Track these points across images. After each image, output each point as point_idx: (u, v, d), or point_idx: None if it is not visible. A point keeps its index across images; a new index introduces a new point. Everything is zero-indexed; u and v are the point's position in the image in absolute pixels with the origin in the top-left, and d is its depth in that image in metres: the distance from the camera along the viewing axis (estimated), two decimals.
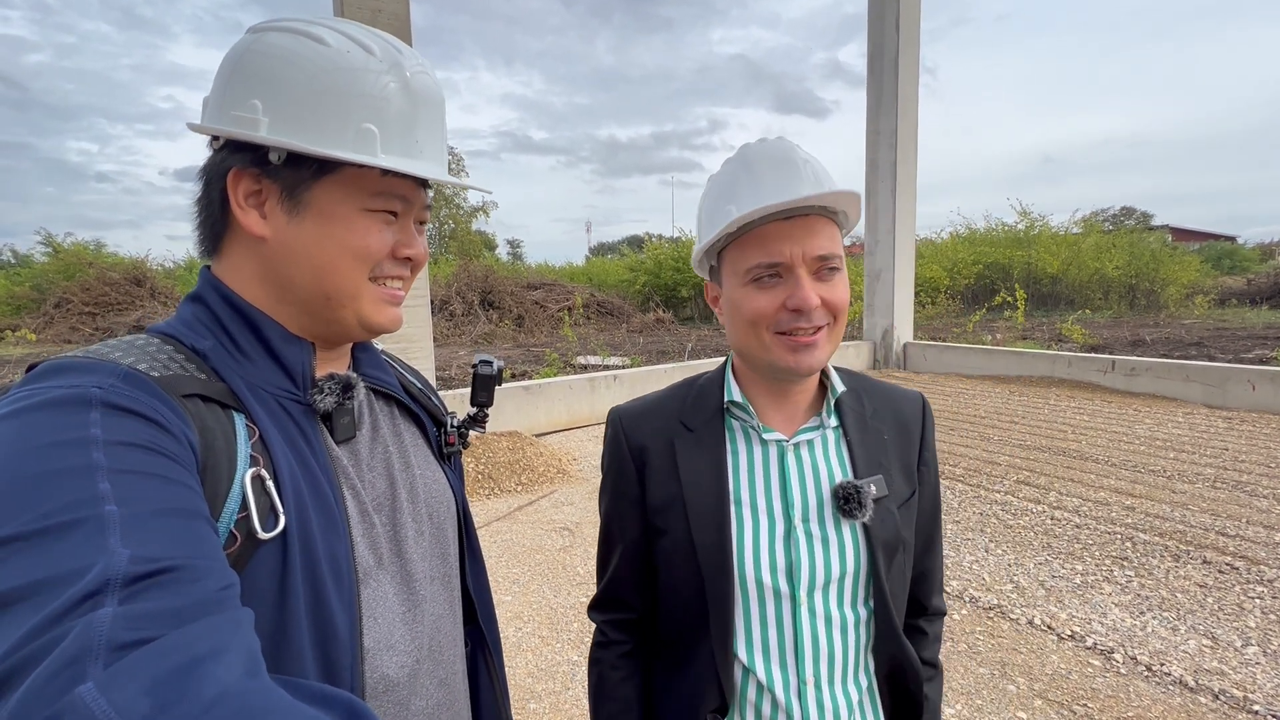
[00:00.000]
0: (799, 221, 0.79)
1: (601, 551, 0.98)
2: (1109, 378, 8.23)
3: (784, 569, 0.83)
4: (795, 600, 0.83)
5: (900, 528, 0.87)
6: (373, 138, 0.61)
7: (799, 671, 0.83)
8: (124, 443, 0.46)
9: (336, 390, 0.66)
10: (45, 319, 15.06)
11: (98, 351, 0.55)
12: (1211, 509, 4.25)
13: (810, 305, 0.78)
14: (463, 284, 16.85)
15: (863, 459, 0.87)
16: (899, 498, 0.88)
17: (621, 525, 0.93)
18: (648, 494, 0.90)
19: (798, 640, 0.83)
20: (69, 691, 0.32)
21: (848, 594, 0.85)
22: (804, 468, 0.86)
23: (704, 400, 0.92)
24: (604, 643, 0.96)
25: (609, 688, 0.94)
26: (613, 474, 0.94)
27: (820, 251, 0.79)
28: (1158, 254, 18.65)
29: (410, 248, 0.68)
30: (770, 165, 0.80)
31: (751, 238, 0.80)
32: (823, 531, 0.84)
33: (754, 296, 0.81)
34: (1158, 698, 2.51)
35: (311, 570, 0.57)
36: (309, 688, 0.40)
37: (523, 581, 3.67)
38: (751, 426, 0.88)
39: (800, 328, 0.79)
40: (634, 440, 0.92)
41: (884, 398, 0.95)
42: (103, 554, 0.39)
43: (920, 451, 0.93)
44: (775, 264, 0.79)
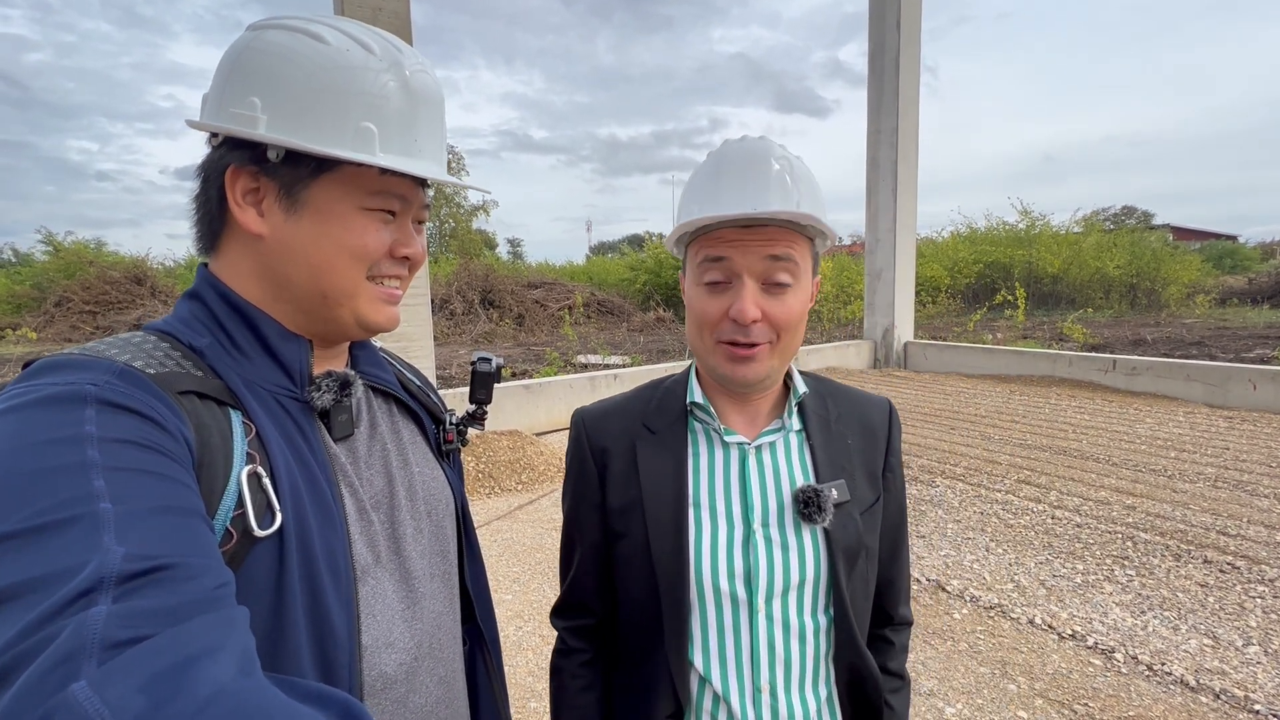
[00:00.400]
0: (757, 230, 0.77)
1: (563, 555, 0.97)
2: (1110, 377, 8.22)
3: (742, 574, 0.81)
4: (753, 607, 0.81)
5: (862, 534, 0.85)
6: (371, 136, 0.60)
7: (754, 679, 0.81)
8: (119, 440, 0.46)
9: (334, 388, 0.65)
10: (46, 318, 15.07)
11: (94, 348, 0.55)
12: (1213, 508, 4.25)
13: (746, 318, 0.76)
14: (463, 283, 16.85)
15: (825, 463, 0.85)
16: (862, 503, 0.86)
17: (582, 528, 0.92)
18: (608, 496, 0.88)
19: (754, 648, 0.81)
20: (62, 689, 0.32)
21: (807, 601, 0.83)
22: (765, 471, 0.85)
23: (668, 402, 0.91)
24: (564, 650, 0.95)
25: (569, 697, 0.93)
26: (574, 475, 0.93)
27: (770, 263, 0.77)
28: (1159, 253, 18.63)
29: (408, 247, 0.67)
30: (739, 170, 0.78)
31: (709, 239, 0.79)
32: (782, 537, 0.82)
33: (703, 299, 0.80)
34: (1159, 697, 2.50)
35: (309, 568, 0.57)
36: (304, 686, 0.40)
37: (523, 580, 3.67)
38: (713, 429, 0.87)
39: (737, 340, 0.78)
40: (596, 441, 0.91)
41: (849, 402, 0.93)
42: (97, 551, 0.39)
43: (886, 457, 0.92)
44: (724, 269, 0.78)
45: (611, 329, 16.57)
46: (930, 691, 2.57)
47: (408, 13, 5.33)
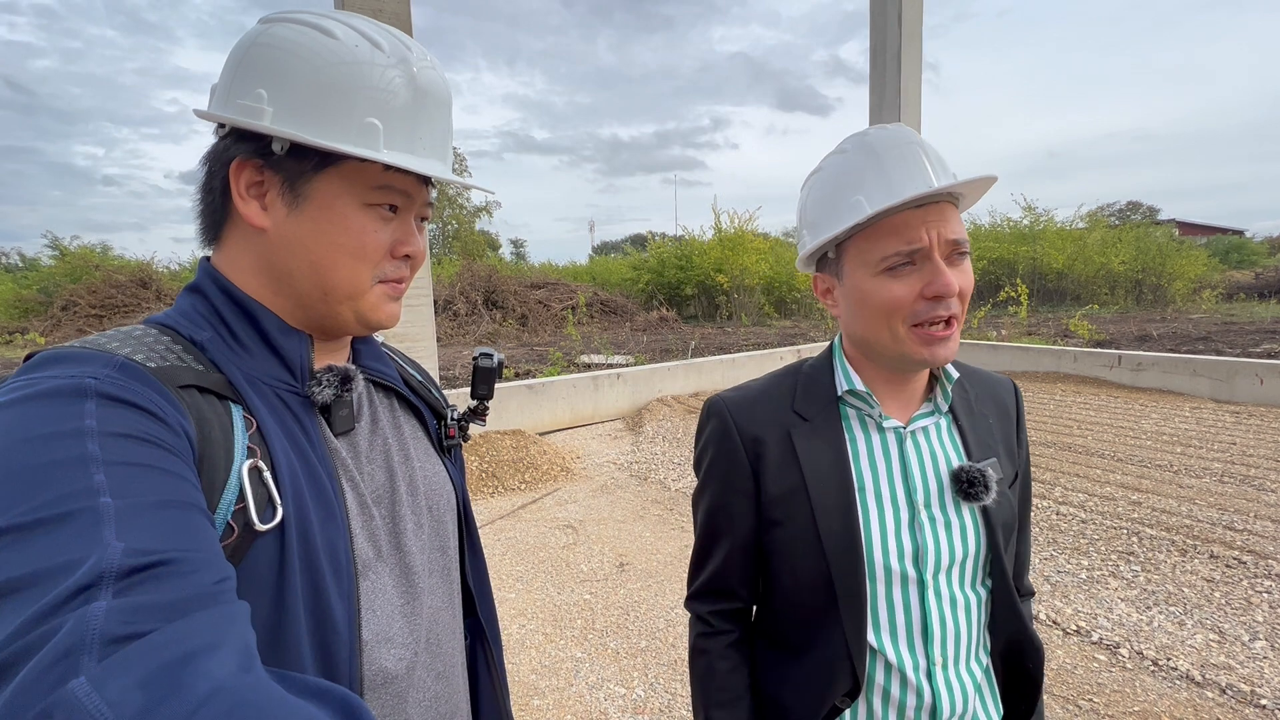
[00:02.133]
0: (931, 208, 0.78)
1: (705, 544, 0.97)
2: (1115, 373, 8.18)
3: (911, 554, 0.84)
4: (923, 583, 0.84)
5: (1014, 508, 0.90)
6: (376, 132, 0.60)
7: (928, 653, 0.84)
8: (119, 434, 0.46)
9: (335, 382, 0.65)
10: (52, 321, 15.14)
11: (94, 342, 0.55)
12: (1219, 503, 4.22)
13: (951, 290, 0.78)
14: (466, 284, 16.86)
15: (975, 444, 0.89)
16: (1007, 480, 0.90)
17: (730, 517, 0.92)
18: (763, 485, 0.89)
19: (925, 622, 0.84)
20: (62, 685, 0.32)
21: (969, 575, 0.87)
22: (922, 453, 0.88)
23: (815, 389, 0.91)
24: (710, 633, 0.96)
25: (719, 678, 0.94)
26: (721, 466, 0.92)
27: (953, 236, 0.79)
28: (1164, 248, 18.51)
29: (409, 245, 0.67)
30: (897, 153, 0.80)
31: (883, 226, 0.79)
32: (945, 515, 0.85)
33: (888, 286, 0.80)
34: (1164, 692, 2.49)
35: (309, 562, 0.57)
36: (304, 682, 0.40)
37: (526, 579, 3.68)
38: (870, 415, 0.88)
39: (938, 316, 0.79)
40: (747, 431, 0.90)
41: (982, 383, 0.97)
42: (97, 546, 0.39)
43: (1017, 434, 0.96)
44: (914, 250, 0.78)
45: (615, 329, 16.56)
46: None
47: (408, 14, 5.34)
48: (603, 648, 2.97)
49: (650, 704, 2.57)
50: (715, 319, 19.02)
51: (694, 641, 0.98)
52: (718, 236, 19.07)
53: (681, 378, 8.53)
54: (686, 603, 1.00)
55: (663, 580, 3.62)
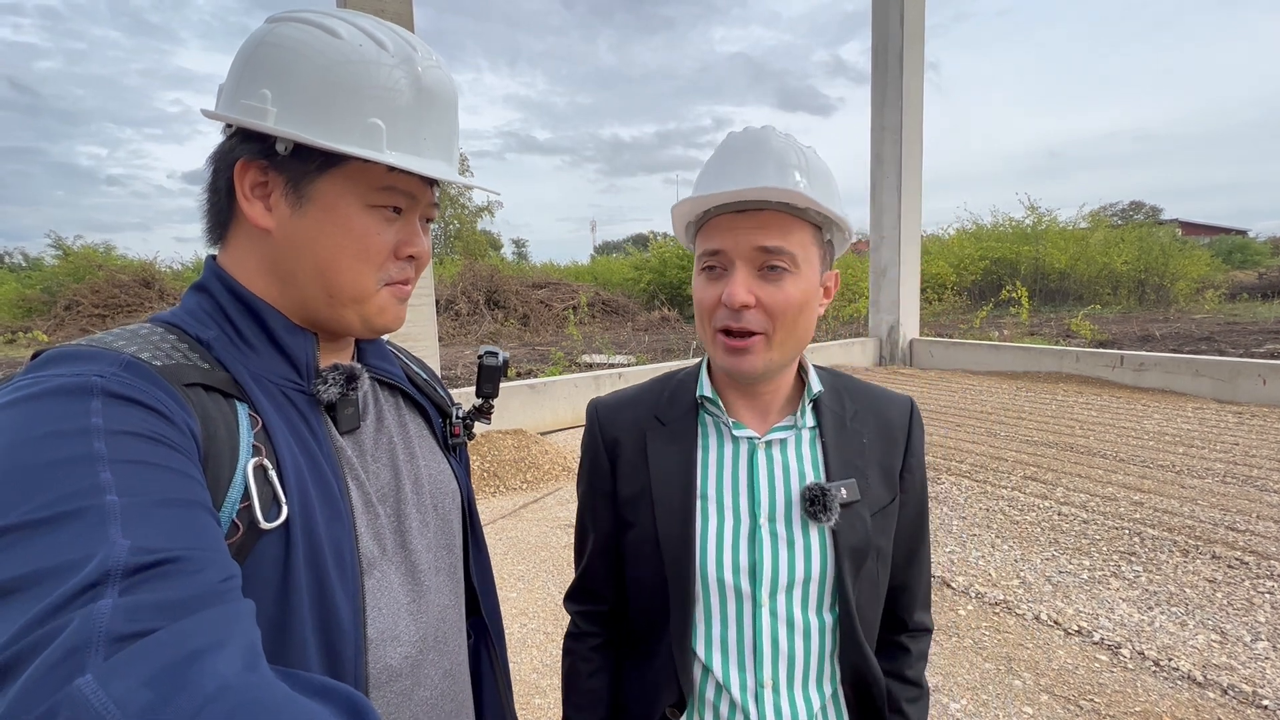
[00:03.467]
0: (751, 215, 0.76)
1: (577, 542, 0.99)
2: (1117, 373, 8.17)
3: (746, 568, 0.81)
4: (756, 601, 0.81)
5: (872, 535, 0.83)
6: (379, 133, 0.60)
7: (757, 673, 0.81)
8: (125, 432, 0.46)
9: (340, 381, 0.66)
10: (56, 321, 15.18)
11: (101, 340, 0.55)
12: (1221, 504, 4.22)
13: (735, 301, 0.75)
14: (468, 283, 16.87)
15: (837, 461, 0.84)
16: (875, 504, 0.85)
17: (594, 516, 0.93)
18: (619, 486, 0.89)
19: (757, 641, 0.81)
20: (68, 683, 0.32)
21: (812, 598, 0.82)
22: (774, 467, 0.84)
23: (679, 394, 0.91)
24: (576, 634, 0.97)
25: (579, 680, 0.95)
26: (587, 464, 0.94)
27: (763, 243, 0.75)
28: (1167, 248, 18.46)
29: (413, 246, 0.67)
30: (738, 155, 0.78)
31: (708, 226, 0.80)
32: (789, 533, 0.82)
33: (702, 286, 0.81)
34: (1165, 692, 2.49)
35: (315, 560, 0.57)
36: (309, 680, 0.40)
37: (528, 578, 3.68)
38: (723, 422, 0.87)
39: (730, 327, 0.77)
40: (608, 432, 0.92)
41: (868, 399, 0.91)
42: (103, 544, 0.39)
43: (905, 457, 0.90)
44: (716, 252, 0.78)
45: (616, 328, 16.56)
46: (935, 687, 2.57)
47: (410, 14, 5.35)
48: None
49: None
50: None
51: (564, 641, 0.99)
52: None
53: None
54: (564, 601, 1.01)
55: None
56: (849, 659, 0.84)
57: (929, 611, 0.97)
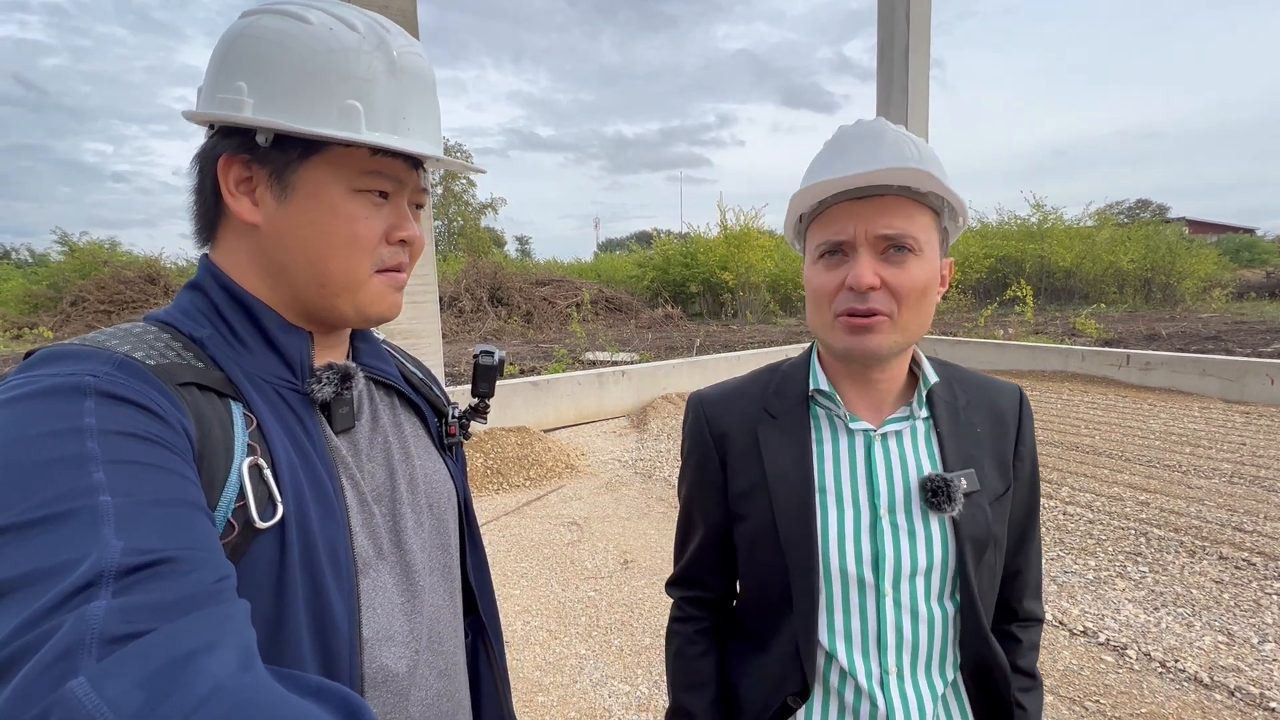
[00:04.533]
0: (871, 201, 0.76)
1: (681, 533, 0.99)
2: (1123, 372, 8.13)
3: (869, 559, 0.82)
4: (880, 590, 0.82)
5: (991, 523, 0.84)
6: (357, 114, 0.60)
7: (881, 660, 0.83)
8: (119, 432, 0.45)
9: (335, 380, 0.65)
10: (62, 317, 15.26)
11: (94, 339, 0.55)
12: (1228, 504, 4.19)
13: (862, 283, 0.75)
14: (471, 280, 16.90)
15: (953, 452, 0.85)
16: (991, 493, 0.86)
17: (702, 509, 0.94)
18: (730, 480, 0.89)
19: (881, 630, 0.83)
20: (61, 685, 0.32)
21: (934, 587, 0.84)
22: (891, 458, 0.85)
23: (788, 387, 0.91)
24: (682, 618, 0.98)
25: (687, 661, 0.95)
26: (694, 459, 0.94)
27: (885, 230, 0.76)
28: (1174, 247, 18.36)
29: (404, 230, 0.66)
30: (853, 143, 0.78)
31: (824, 216, 0.80)
32: (909, 524, 0.83)
33: (820, 274, 0.81)
34: (1172, 694, 2.48)
35: (310, 560, 0.57)
36: (304, 680, 0.40)
37: (531, 575, 3.68)
38: (837, 415, 0.87)
39: (855, 308, 0.77)
40: (716, 426, 0.91)
41: (978, 389, 0.93)
42: (96, 545, 0.38)
43: (1017, 446, 0.90)
44: (838, 240, 0.78)
45: (619, 326, 16.57)
46: None
47: (414, 10, 5.33)
48: (607, 645, 2.98)
49: (654, 701, 2.57)
50: (720, 316, 19.00)
51: (669, 625, 1.00)
52: (723, 234, 19.03)
53: (686, 375, 8.52)
54: (666, 587, 1.02)
55: (666, 578, 3.61)
56: (972, 646, 0.86)
57: (1040, 600, 0.98)
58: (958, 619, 0.85)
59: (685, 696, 0.94)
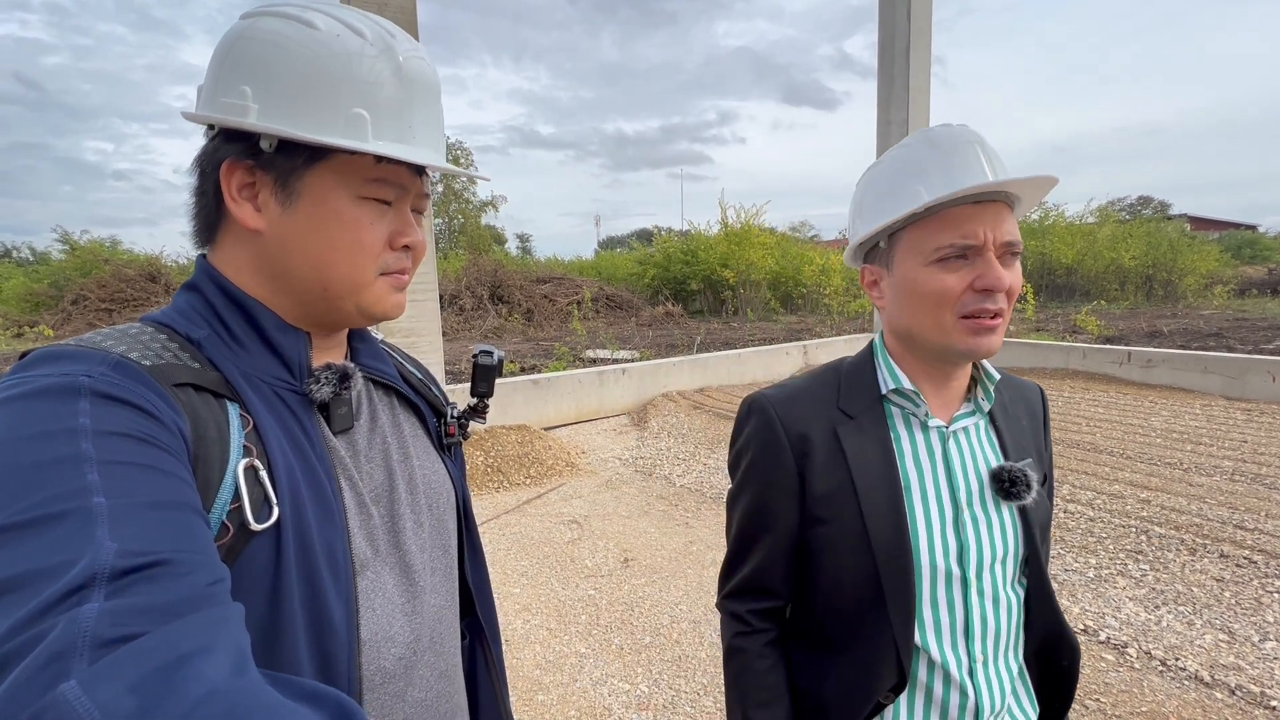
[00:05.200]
0: (988, 206, 0.80)
1: (743, 541, 0.96)
2: (1125, 369, 8.12)
3: (956, 551, 0.85)
4: (965, 581, 0.85)
5: (1048, 509, 0.93)
6: (363, 123, 0.59)
7: (969, 650, 0.86)
8: (113, 433, 0.45)
9: (333, 380, 0.65)
10: (63, 315, 15.27)
11: (90, 340, 0.54)
12: (1229, 502, 4.19)
13: (1001, 285, 0.79)
14: (472, 278, 16.90)
15: (1012, 445, 0.91)
16: (1041, 480, 0.92)
17: (773, 515, 0.92)
18: (809, 483, 0.88)
19: (968, 620, 0.86)
20: (52, 689, 0.32)
21: (1010, 573, 0.88)
22: (964, 453, 0.89)
23: (858, 387, 0.92)
24: (748, 631, 0.95)
25: (757, 676, 0.93)
26: (764, 463, 0.91)
27: (1008, 237, 0.80)
28: (1175, 243, 18.34)
29: (407, 235, 0.66)
30: (959, 148, 0.81)
31: (939, 219, 0.81)
32: (986, 514, 0.87)
33: (940, 277, 0.81)
34: (1172, 692, 2.47)
35: (306, 561, 0.57)
36: (299, 685, 0.39)
37: (531, 574, 3.69)
38: (914, 414, 0.89)
39: (985, 309, 0.80)
40: (793, 428, 0.89)
41: (1013, 386, 0.99)
42: (90, 547, 0.38)
43: (1044, 437, 0.99)
44: (968, 245, 0.80)
45: (620, 324, 16.56)
46: None
47: (413, 8, 5.32)
48: (607, 643, 2.98)
49: (654, 700, 2.57)
50: (721, 314, 18.99)
51: (730, 641, 0.96)
52: (724, 231, 19.02)
53: (687, 373, 8.52)
54: (721, 602, 0.99)
55: (667, 576, 3.62)
56: (1042, 625, 0.91)
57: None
58: (1027, 602, 0.91)
59: (759, 714, 0.91)
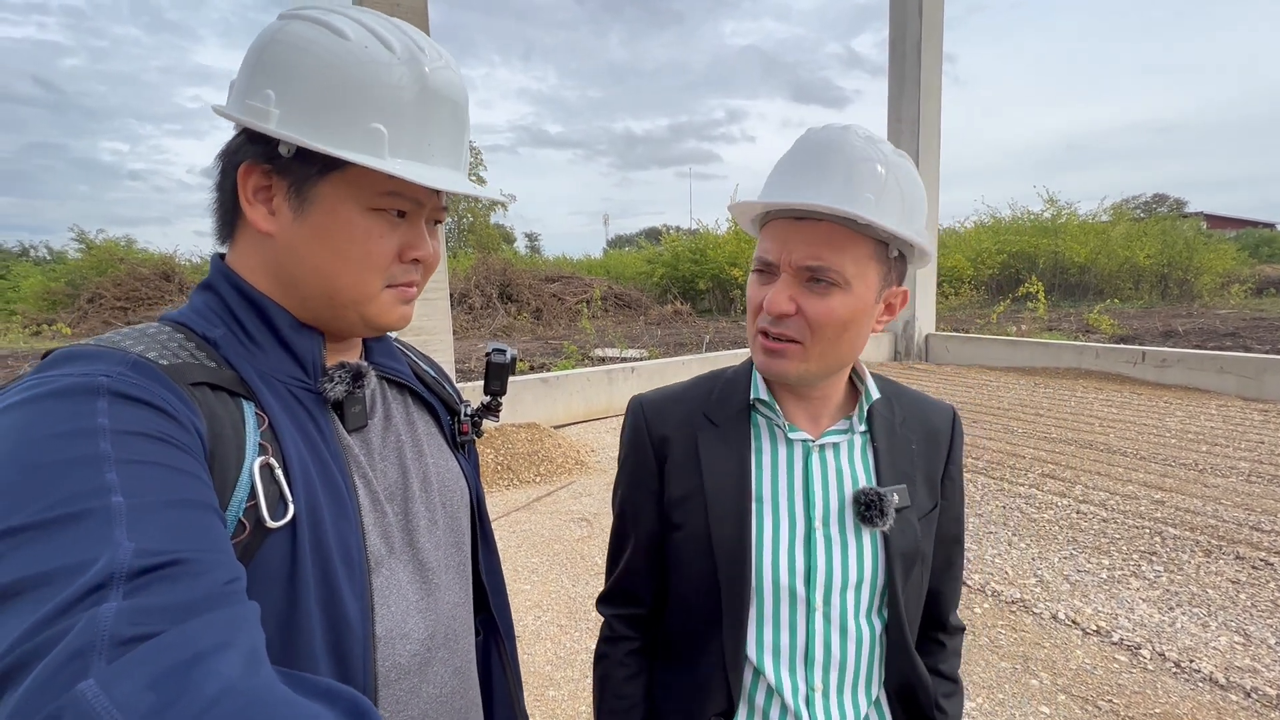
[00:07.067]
0: (807, 224, 0.74)
1: (614, 543, 0.96)
2: (1139, 369, 8.03)
3: (802, 571, 0.81)
4: (810, 604, 0.81)
5: (920, 540, 0.85)
6: (381, 139, 0.59)
7: (808, 678, 0.82)
8: (132, 432, 0.46)
9: (347, 379, 0.65)
10: (79, 314, 15.46)
11: (109, 339, 0.55)
12: (1246, 503, 4.13)
13: (774, 309, 0.75)
14: (481, 277, 16.95)
15: (888, 467, 0.85)
16: (920, 509, 0.86)
17: (636, 517, 0.91)
18: (666, 486, 0.88)
19: (809, 646, 0.81)
20: (72, 687, 0.32)
21: (863, 603, 0.83)
22: (828, 470, 0.84)
23: (729, 394, 0.89)
24: (612, 638, 0.95)
25: (614, 685, 0.93)
26: (631, 463, 0.92)
27: (810, 261, 0.74)
28: (1191, 242, 18.09)
29: (418, 249, 0.65)
30: (810, 158, 0.76)
31: (766, 228, 0.80)
32: (842, 536, 0.82)
33: (752, 285, 0.82)
34: (1186, 694, 2.45)
35: (322, 558, 0.57)
36: (313, 683, 0.40)
37: (541, 571, 3.70)
38: (777, 425, 0.86)
39: (769, 331, 0.78)
40: (656, 430, 0.89)
41: (914, 406, 0.92)
42: (108, 546, 0.39)
43: (946, 465, 0.91)
44: (765, 260, 0.79)
45: (629, 322, 16.56)
46: None
47: (425, 9, 5.34)
48: None
49: None
50: (730, 313, 18.94)
51: (598, 645, 0.97)
52: (733, 229, 18.96)
53: (695, 372, 8.48)
54: (597, 604, 0.99)
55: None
56: (897, 664, 0.85)
57: (957, 614, 0.99)
58: (884, 636, 0.85)
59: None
